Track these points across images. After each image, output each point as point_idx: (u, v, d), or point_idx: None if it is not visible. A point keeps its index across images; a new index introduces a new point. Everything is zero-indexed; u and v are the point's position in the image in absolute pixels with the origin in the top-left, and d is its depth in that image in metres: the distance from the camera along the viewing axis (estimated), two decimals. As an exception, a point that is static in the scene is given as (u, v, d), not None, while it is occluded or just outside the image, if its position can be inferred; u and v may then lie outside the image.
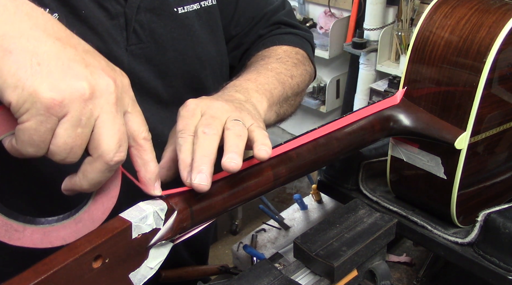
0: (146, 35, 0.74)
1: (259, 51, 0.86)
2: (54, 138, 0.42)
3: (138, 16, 0.72)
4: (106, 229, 0.44)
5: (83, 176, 0.45)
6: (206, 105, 0.57)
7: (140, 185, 0.49)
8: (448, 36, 0.68)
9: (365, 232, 0.67)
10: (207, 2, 0.81)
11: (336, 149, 0.65)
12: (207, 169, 0.49)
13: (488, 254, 0.69)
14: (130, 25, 0.72)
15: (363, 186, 0.84)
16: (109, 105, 0.44)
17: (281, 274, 0.62)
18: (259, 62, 0.81)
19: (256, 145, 0.53)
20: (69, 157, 0.43)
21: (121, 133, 0.44)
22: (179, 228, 0.50)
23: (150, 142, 0.49)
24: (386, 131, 0.71)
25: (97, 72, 0.44)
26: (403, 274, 0.89)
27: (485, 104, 0.66)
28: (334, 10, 2.65)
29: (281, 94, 0.76)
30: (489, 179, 0.76)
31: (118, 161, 0.45)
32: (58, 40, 0.43)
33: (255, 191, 0.56)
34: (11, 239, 0.44)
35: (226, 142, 0.52)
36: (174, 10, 0.76)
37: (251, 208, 2.54)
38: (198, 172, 0.49)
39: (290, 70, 0.81)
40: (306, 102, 2.82)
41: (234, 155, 0.50)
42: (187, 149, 0.52)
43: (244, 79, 0.73)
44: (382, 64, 2.45)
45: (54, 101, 0.41)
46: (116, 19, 0.70)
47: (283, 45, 0.87)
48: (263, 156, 0.52)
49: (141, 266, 0.48)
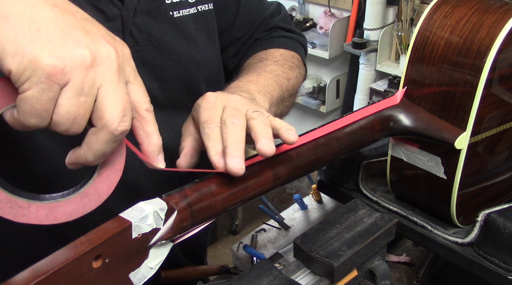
0: (143, 38, 0.73)
1: (257, 52, 0.87)
2: (56, 108, 0.41)
3: (135, 18, 0.72)
4: (106, 229, 0.44)
5: (88, 148, 0.44)
6: (226, 98, 0.59)
7: (144, 158, 0.49)
8: (448, 36, 0.68)
9: (365, 232, 0.67)
10: (204, 7, 0.81)
11: (336, 149, 0.65)
12: (241, 155, 0.51)
13: (488, 254, 0.69)
14: (126, 28, 0.71)
15: (363, 186, 0.84)
16: (111, 73, 0.43)
17: (281, 274, 0.62)
18: (257, 64, 0.82)
19: (283, 131, 0.56)
20: (72, 128, 0.42)
21: (124, 102, 0.44)
22: (179, 228, 0.50)
23: (152, 114, 0.49)
24: (386, 131, 0.71)
25: (97, 39, 0.43)
26: (403, 274, 0.89)
27: (485, 104, 0.66)
28: (334, 10, 2.65)
29: (279, 96, 0.77)
30: (489, 179, 0.76)
31: (123, 131, 0.44)
32: (56, 6, 0.42)
33: (255, 191, 0.57)
34: (15, 216, 0.44)
35: (256, 130, 0.54)
36: (170, 14, 0.76)
37: (251, 208, 2.54)
38: (233, 157, 0.51)
39: (286, 72, 0.83)
40: (306, 102, 2.82)
41: (268, 141, 0.53)
42: (216, 138, 0.54)
43: (246, 80, 0.75)
44: (382, 64, 2.45)
45: (55, 68, 0.40)
46: (113, 22, 0.70)
47: (280, 49, 0.89)
48: (292, 139, 0.55)
49: (141, 266, 0.47)
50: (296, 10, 2.85)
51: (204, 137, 0.55)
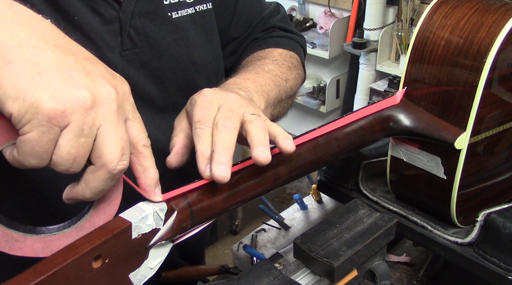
0: (141, 40, 0.73)
1: (255, 51, 0.87)
2: (56, 149, 0.42)
3: (133, 21, 0.72)
4: (106, 229, 0.44)
5: (86, 185, 0.44)
6: (223, 97, 0.58)
7: (141, 191, 0.49)
8: (448, 36, 0.68)
9: (365, 232, 0.67)
10: (202, 7, 0.80)
11: (336, 149, 0.65)
12: (228, 161, 0.50)
13: (488, 254, 0.69)
14: (124, 30, 0.71)
15: (363, 186, 0.84)
16: (111, 113, 0.44)
17: (281, 274, 0.62)
18: (255, 62, 0.82)
19: (279, 138, 0.55)
20: (72, 167, 0.43)
21: (123, 141, 0.44)
22: (179, 228, 0.50)
23: (149, 149, 0.49)
24: (386, 131, 0.71)
25: (98, 80, 0.44)
26: (403, 274, 0.89)
27: (485, 104, 0.66)
28: (334, 10, 2.65)
29: (276, 96, 0.76)
30: (489, 179, 0.76)
31: (121, 170, 0.44)
32: (58, 47, 0.43)
33: (255, 191, 0.57)
34: (12, 249, 0.44)
35: (253, 135, 0.53)
36: (168, 15, 0.76)
37: (251, 208, 2.54)
38: (219, 164, 0.50)
39: (285, 73, 0.82)
40: (306, 102, 2.82)
41: (264, 148, 0.52)
42: (206, 141, 0.53)
43: (243, 78, 0.74)
44: (382, 64, 2.45)
45: (56, 111, 0.40)
46: (111, 24, 0.70)
47: (279, 48, 0.88)
48: (289, 149, 0.54)
49: (141, 266, 0.48)
50: (296, 10, 2.85)
51: (195, 138, 0.54)
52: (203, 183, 0.53)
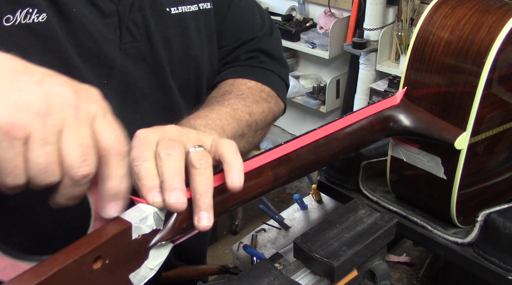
0: (141, 33, 0.73)
1: (226, 80, 0.84)
2: (26, 163, 0.41)
3: (132, 14, 0.72)
4: (106, 230, 0.44)
5: (57, 192, 0.44)
6: (159, 131, 0.54)
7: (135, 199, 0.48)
8: (448, 36, 0.68)
9: (365, 232, 0.67)
10: (205, 5, 0.80)
11: (336, 149, 0.65)
12: (182, 187, 0.47)
13: (488, 254, 0.69)
14: (123, 24, 0.71)
15: (363, 186, 0.84)
16: (70, 117, 0.43)
17: (281, 274, 0.62)
18: (217, 98, 0.79)
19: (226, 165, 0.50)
20: (48, 177, 0.42)
21: (85, 146, 0.43)
22: (179, 228, 0.50)
23: (118, 156, 0.46)
24: (386, 131, 0.71)
25: (52, 87, 0.43)
26: (403, 274, 0.89)
27: (485, 104, 0.66)
28: (334, 10, 2.65)
29: (235, 131, 0.73)
30: (489, 179, 0.76)
31: (84, 175, 0.43)
32: (12, 71, 0.43)
33: (255, 192, 0.56)
34: None
35: (193, 187, 0.49)
36: (167, 10, 0.76)
37: (251, 208, 2.54)
38: (171, 190, 0.46)
39: (249, 106, 0.78)
40: (306, 102, 2.82)
41: (204, 214, 0.48)
42: (146, 174, 0.48)
43: (194, 117, 0.71)
44: (382, 64, 2.45)
45: (10, 124, 0.40)
46: (109, 18, 0.70)
47: (252, 80, 0.84)
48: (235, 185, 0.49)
49: (141, 267, 0.47)
50: (296, 10, 2.85)
51: (134, 177, 0.49)
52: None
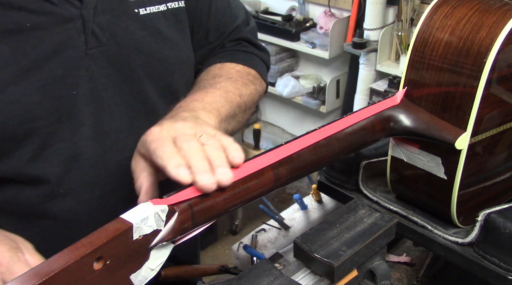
0: (107, 37, 0.71)
1: (215, 64, 0.87)
2: None
3: (96, 17, 0.70)
4: (107, 230, 0.44)
5: None
6: (171, 128, 0.59)
7: None
8: (448, 37, 0.68)
9: (365, 232, 0.67)
10: (174, 4, 0.79)
11: (336, 150, 0.65)
12: (209, 170, 0.53)
13: (488, 254, 0.69)
14: (88, 28, 0.69)
15: (363, 186, 0.85)
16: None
17: (281, 274, 0.62)
18: (209, 81, 0.81)
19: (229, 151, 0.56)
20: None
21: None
22: (180, 229, 0.50)
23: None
24: (387, 131, 0.71)
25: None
26: (403, 274, 0.89)
27: (485, 104, 0.66)
28: (334, 10, 2.65)
29: (228, 112, 0.76)
30: (489, 179, 0.77)
31: None
32: None
33: (256, 192, 0.57)
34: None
35: (210, 157, 0.54)
36: (135, 11, 0.74)
37: (251, 208, 2.54)
38: (201, 173, 0.52)
39: (239, 89, 0.81)
40: (306, 102, 2.82)
41: (224, 169, 0.53)
42: (171, 153, 0.54)
43: (190, 99, 0.73)
44: (382, 64, 2.44)
45: None
46: (72, 22, 0.68)
47: (239, 64, 0.88)
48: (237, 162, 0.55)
49: (142, 267, 0.48)
50: (296, 10, 2.85)
51: (158, 160, 0.54)
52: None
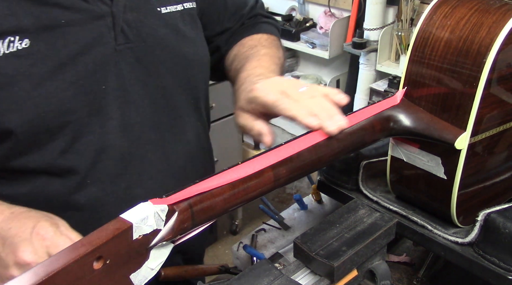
0: (134, 34, 0.74)
1: (244, 37, 0.95)
2: None
3: (125, 15, 0.73)
4: (107, 230, 0.44)
5: None
6: (274, 83, 0.70)
7: None
8: (448, 36, 0.68)
9: (365, 232, 0.67)
10: (189, 4, 0.83)
11: (336, 150, 0.65)
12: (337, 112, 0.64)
13: (488, 254, 0.69)
14: (118, 25, 0.72)
15: (363, 186, 0.85)
16: None
17: (281, 274, 0.62)
18: (249, 51, 0.90)
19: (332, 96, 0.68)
20: None
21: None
22: (180, 229, 0.50)
23: None
24: (387, 131, 0.71)
25: None
26: (403, 274, 0.89)
27: (485, 104, 0.66)
28: (334, 10, 2.65)
29: (278, 73, 0.85)
30: (489, 179, 0.76)
31: None
32: None
33: (256, 192, 0.57)
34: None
35: (323, 106, 0.65)
36: (158, 9, 0.78)
37: (251, 208, 2.54)
38: (330, 118, 0.63)
39: (275, 53, 0.91)
40: (306, 102, 2.81)
41: (339, 116, 0.64)
42: (297, 105, 0.64)
43: (251, 67, 0.81)
44: (382, 64, 2.44)
45: None
46: (103, 19, 0.71)
47: (264, 34, 0.97)
48: (343, 102, 0.67)
49: (142, 267, 0.48)
50: (296, 10, 2.85)
51: (284, 111, 0.64)
52: (204, 184, 0.53)
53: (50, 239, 0.55)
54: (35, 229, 0.56)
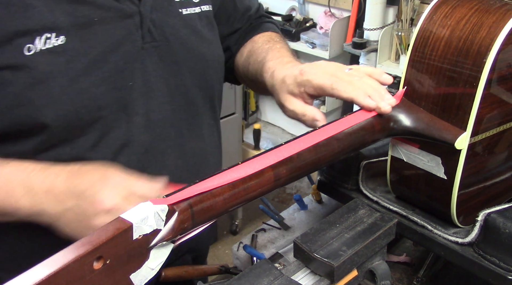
0: (158, 33, 0.77)
1: (255, 35, 0.99)
2: None
3: (152, 15, 0.76)
4: (107, 230, 0.44)
5: None
6: (319, 66, 0.74)
7: None
8: (448, 36, 0.68)
9: (365, 232, 0.67)
10: (206, 7, 0.87)
11: (336, 150, 0.65)
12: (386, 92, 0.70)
13: (488, 254, 0.69)
14: (145, 24, 0.75)
15: (363, 186, 0.85)
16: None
17: (281, 274, 0.62)
18: (266, 45, 0.93)
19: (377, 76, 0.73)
20: None
21: None
22: (180, 229, 0.50)
23: None
24: (387, 131, 0.71)
25: None
26: (403, 274, 0.89)
27: (485, 104, 0.66)
28: (334, 10, 2.65)
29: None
30: (489, 179, 0.77)
31: None
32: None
33: (256, 192, 0.57)
34: None
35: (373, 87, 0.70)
36: (179, 11, 0.81)
37: (251, 208, 2.54)
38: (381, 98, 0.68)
39: (287, 47, 0.95)
40: (306, 102, 2.82)
41: (388, 95, 0.69)
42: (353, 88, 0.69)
43: (277, 57, 0.86)
44: (382, 64, 2.44)
45: None
46: (131, 18, 0.73)
47: (273, 32, 1.02)
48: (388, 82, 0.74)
49: (142, 267, 0.48)
50: (296, 10, 2.85)
51: (342, 94, 0.69)
52: (204, 184, 0.53)
53: (121, 183, 0.60)
54: (105, 177, 0.61)
